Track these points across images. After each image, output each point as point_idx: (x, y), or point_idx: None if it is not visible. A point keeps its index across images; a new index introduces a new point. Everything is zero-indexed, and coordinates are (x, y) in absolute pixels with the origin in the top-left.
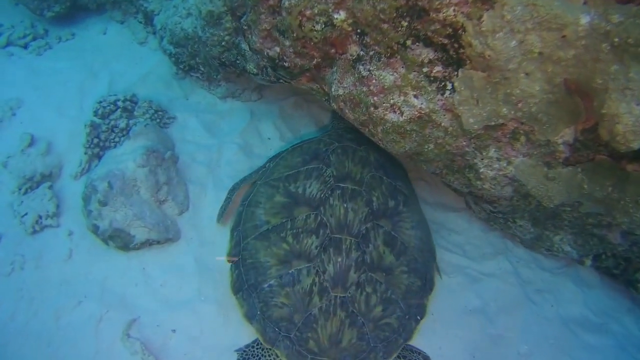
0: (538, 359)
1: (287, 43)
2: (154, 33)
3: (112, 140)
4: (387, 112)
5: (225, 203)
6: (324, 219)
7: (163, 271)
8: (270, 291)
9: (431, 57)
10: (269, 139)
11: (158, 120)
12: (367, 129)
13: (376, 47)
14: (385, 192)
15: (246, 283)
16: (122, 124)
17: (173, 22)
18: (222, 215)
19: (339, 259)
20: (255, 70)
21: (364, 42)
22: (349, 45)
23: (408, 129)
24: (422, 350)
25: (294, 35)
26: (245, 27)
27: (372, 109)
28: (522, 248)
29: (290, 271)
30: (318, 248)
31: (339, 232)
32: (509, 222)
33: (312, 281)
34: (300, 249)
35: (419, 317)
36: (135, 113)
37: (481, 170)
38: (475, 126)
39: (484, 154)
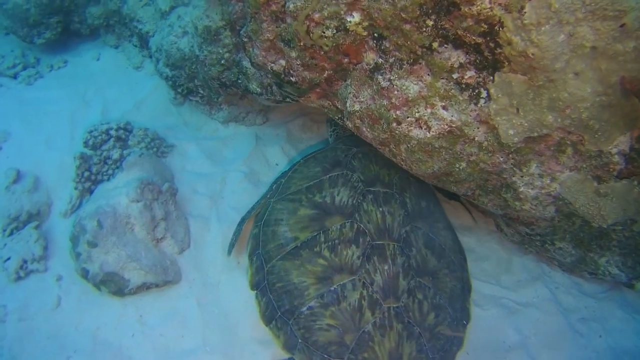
0: None
1: (294, 54)
2: (150, 56)
3: (105, 173)
4: (412, 128)
5: (236, 235)
6: (361, 226)
7: (162, 318)
8: (312, 314)
9: (462, 61)
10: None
11: (155, 149)
12: (387, 149)
13: (397, 53)
14: (416, 193)
15: (279, 310)
16: (115, 154)
17: (168, 42)
18: (232, 247)
19: (386, 267)
20: (258, 90)
21: (383, 47)
22: (365, 52)
23: (436, 146)
24: None
25: (301, 44)
26: (246, 39)
27: (394, 124)
28: (559, 272)
29: (332, 288)
30: (360, 258)
31: (380, 238)
32: (546, 244)
33: (360, 295)
34: (340, 262)
35: (465, 322)
36: (130, 142)
37: (521, 190)
38: (516, 139)
39: (524, 170)
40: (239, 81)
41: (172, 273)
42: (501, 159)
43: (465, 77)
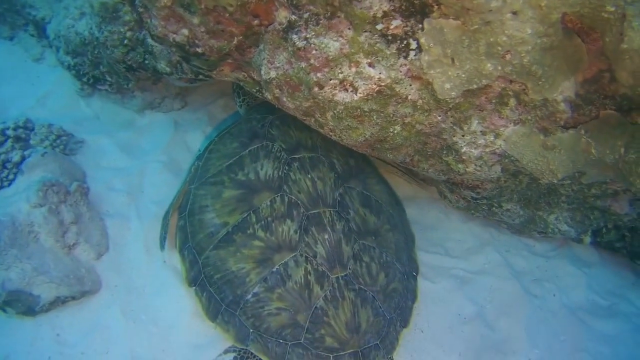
0: None
1: (196, 20)
2: (50, 46)
3: (6, 179)
4: (337, 91)
5: (164, 229)
6: (292, 197)
7: (83, 334)
8: (258, 300)
9: (386, 9)
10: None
11: (62, 146)
12: (312, 119)
13: (311, 7)
14: (342, 151)
15: (223, 303)
16: (15, 157)
17: (65, 26)
18: (164, 240)
19: (326, 236)
20: (168, 69)
21: (295, 2)
22: (276, 10)
23: (366, 109)
24: None
25: (202, 6)
26: (142, 10)
27: (316, 89)
28: (508, 235)
29: (274, 269)
30: (298, 232)
31: (315, 207)
32: (493, 207)
33: (305, 270)
34: (277, 240)
35: (414, 274)
36: (32, 142)
37: (463, 150)
38: (453, 93)
39: (465, 128)
40: (146, 62)
41: (90, 282)
42: (439, 118)
43: (391, 27)
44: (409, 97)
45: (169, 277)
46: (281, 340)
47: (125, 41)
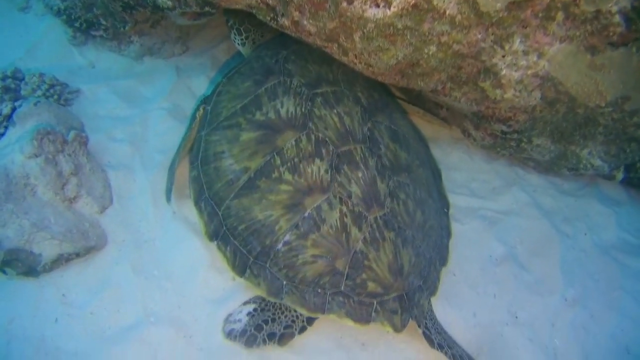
0: (589, 302)
1: None
2: None
3: None
4: (367, 7)
5: (170, 180)
6: (320, 135)
7: (91, 293)
8: (290, 249)
9: None
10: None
11: (56, 96)
12: (336, 45)
13: None
14: (365, 85)
15: (250, 255)
16: (5, 109)
17: None
18: (170, 192)
19: (360, 174)
20: (169, 2)
21: None
22: None
23: (399, 27)
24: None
25: None
26: None
27: (344, 4)
28: (535, 174)
29: (306, 213)
30: (329, 171)
31: (345, 144)
32: (522, 143)
33: (340, 212)
34: (307, 182)
35: (446, 210)
36: (23, 92)
37: (503, 73)
38: (498, 5)
39: (506, 48)
40: None
41: (95, 237)
42: (479, 36)
43: None
44: (447, 11)
45: (180, 229)
46: (319, 290)
47: None
